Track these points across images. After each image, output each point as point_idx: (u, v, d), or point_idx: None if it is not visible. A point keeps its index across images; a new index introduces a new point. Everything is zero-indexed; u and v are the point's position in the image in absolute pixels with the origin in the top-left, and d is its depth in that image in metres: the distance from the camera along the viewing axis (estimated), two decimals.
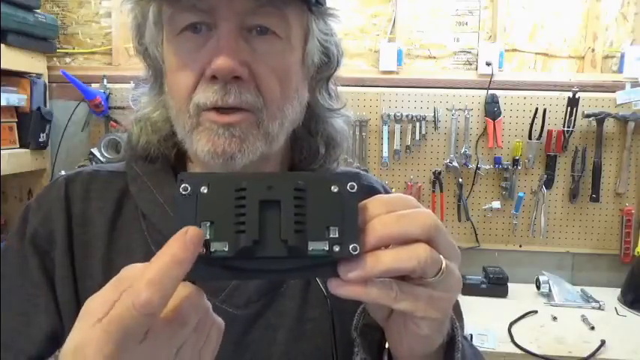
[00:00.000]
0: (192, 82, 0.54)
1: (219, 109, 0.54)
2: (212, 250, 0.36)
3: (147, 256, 0.58)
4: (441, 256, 0.40)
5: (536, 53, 2.01)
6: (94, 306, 0.36)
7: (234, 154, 0.54)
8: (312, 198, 0.38)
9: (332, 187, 0.38)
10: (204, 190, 0.37)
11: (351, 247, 0.37)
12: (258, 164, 0.57)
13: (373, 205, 0.40)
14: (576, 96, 1.88)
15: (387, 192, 0.74)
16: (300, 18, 0.57)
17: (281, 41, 0.55)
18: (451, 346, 0.49)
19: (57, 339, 0.58)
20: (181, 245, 0.35)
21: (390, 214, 0.39)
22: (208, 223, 0.37)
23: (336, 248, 0.37)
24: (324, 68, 0.62)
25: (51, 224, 0.61)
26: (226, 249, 0.36)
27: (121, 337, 0.33)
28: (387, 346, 0.51)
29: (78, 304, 0.58)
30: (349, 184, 0.39)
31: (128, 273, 0.37)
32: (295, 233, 0.36)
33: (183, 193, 0.37)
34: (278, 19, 0.54)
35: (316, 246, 0.37)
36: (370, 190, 0.72)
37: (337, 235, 0.37)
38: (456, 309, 0.68)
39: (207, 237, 0.36)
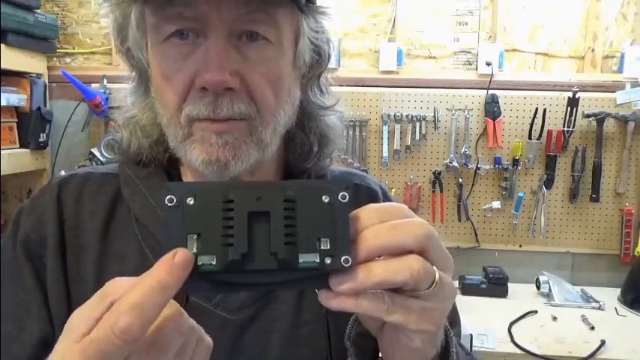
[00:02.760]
0: (182, 93, 0.53)
1: (211, 121, 0.52)
2: (199, 263, 0.35)
3: (140, 260, 0.58)
4: (434, 268, 0.39)
5: (536, 53, 2.01)
6: (78, 321, 0.35)
7: (229, 161, 0.53)
8: (302, 209, 0.37)
9: (323, 198, 0.37)
10: (190, 201, 0.36)
11: (342, 259, 0.36)
12: (252, 170, 0.56)
13: (365, 214, 0.39)
14: (576, 96, 1.88)
15: (385, 193, 0.73)
16: (291, 20, 0.55)
17: (272, 46, 0.53)
18: (445, 357, 0.49)
19: (48, 344, 0.57)
20: (168, 269, 0.33)
21: (383, 224, 0.38)
22: (195, 236, 0.35)
23: (328, 260, 0.36)
24: (316, 66, 0.61)
25: (43, 228, 0.60)
26: (214, 263, 0.35)
27: None
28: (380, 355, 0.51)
29: (69, 309, 0.58)
30: (340, 193, 0.37)
31: (112, 287, 0.36)
32: (285, 245, 0.35)
33: (169, 204, 0.36)
34: (268, 24, 0.52)
35: (307, 258, 0.36)
36: (368, 192, 0.71)
37: (328, 247, 0.36)
38: (453, 314, 0.67)
39: (195, 250, 0.35)
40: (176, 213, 0.36)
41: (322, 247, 0.36)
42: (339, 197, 0.37)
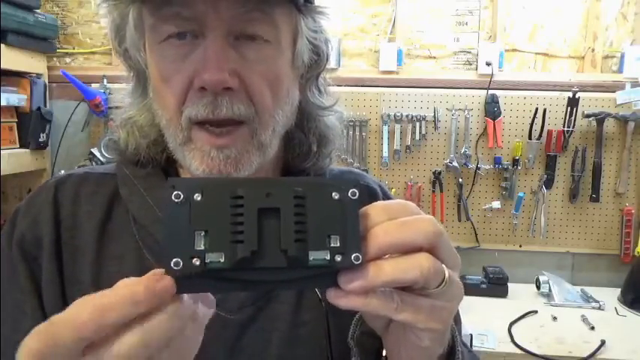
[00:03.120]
0: (181, 94, 0.52)
1: (211, 123, 0.52)
2: (207, 261, 0.34)
3: (138, 261, 0.58)
4: (444, 266, 0.38)
5: (536, 53, 2.01)
6: None
7: (230, 174, 0.53)
8: (312, 205, 0.36)
9: (333, 194, 0.36)
10: (197, 197, 0.35)
11: (353, 256, 0.35)
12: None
13: (374, 211, 0.38)
14: (576, 96, 1.88)
15: (384, 192, 0.73)
16: (289, 19, 0.55)
17: (270, 46, 0.53)
18: (451, 356, 0.48)
19: None
20: (149, 286, 0.33)
21: (392, 221, 0.38)
22: (203, 233, 0.34)
23: (338, 258, 0.35)
24: (314, 66, 0.61)
25: (38, 229, 0.59)
26: (222, 260, 0.34)
27: (49, 349, 0.32)
28: (384, 353, 0.50)
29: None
30: (350, 190, 0.37)
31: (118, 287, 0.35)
32: (295, 243, 0.35)
33: (176, 200, 0.35)
34: (266, 23, 0.52)
35: (317, 256, 0.35)
36: (368, 191, 0.71)
37: (339, 244, 0.36)
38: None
39: (202, 247, 0.34)
40: (183, 209, 0.35)
41: (332, 245, 0.35)
42: (349, 194, 0.37)
